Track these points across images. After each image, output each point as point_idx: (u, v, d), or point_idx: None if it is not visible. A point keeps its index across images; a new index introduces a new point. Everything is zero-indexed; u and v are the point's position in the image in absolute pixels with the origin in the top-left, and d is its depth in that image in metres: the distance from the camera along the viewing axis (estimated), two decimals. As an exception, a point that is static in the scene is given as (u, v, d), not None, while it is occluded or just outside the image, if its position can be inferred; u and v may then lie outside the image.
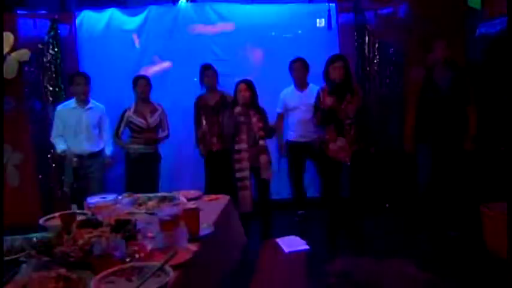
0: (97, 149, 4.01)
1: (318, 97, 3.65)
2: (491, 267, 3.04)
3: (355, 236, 3.68)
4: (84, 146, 3.94)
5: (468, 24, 4.11)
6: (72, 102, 4.01)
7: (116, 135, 4.11)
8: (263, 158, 3.65)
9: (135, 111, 4.06)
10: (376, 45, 4.43)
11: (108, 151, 4.11)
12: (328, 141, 3.56)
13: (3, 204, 1.95)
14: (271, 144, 3.99)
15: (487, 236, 3.34)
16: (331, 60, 3.56)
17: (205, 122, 4.21)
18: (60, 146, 3.90)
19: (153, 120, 4.09)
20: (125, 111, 4.08)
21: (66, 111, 3.97)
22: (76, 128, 3.94)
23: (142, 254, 1.60)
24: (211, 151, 4.19)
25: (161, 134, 4.18)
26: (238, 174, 3.63)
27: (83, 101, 3.97)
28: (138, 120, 4.04)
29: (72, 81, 3.96)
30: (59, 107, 4.03)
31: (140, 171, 4.06)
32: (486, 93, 3.69)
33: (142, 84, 4.07)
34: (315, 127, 3.87)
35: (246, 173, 3.62)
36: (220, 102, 4.13)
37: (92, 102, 4.04)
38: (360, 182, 3.64)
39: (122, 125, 4.09)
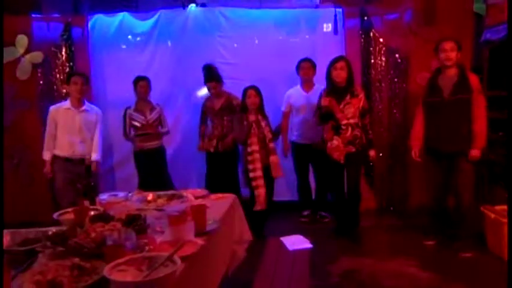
0: (88, 155, 3.92)
1: (320, 97, 3.73)
2: (492, 267, 3.08)
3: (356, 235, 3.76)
4: (77, 149, 3.85)
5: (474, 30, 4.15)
6: (66, 103, 3.91)
7: (125, 134, 4.32)
8: (273, 158, 3.83)
9: (135, 109, 4.29)
10: (382, 50, 4.48)
11: (96, 156, 3.95)
12: (326, 140, 3.68)
13: (3, 204, 2.02)
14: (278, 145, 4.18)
15: (488, 237, 3.38)
16: (334, 61, 3.63)
17: (210, 124, 4.33)
18: (45, 153, 3.85)
19: (151, 116, 4.28)
20: (126, 109, 4.31)
21: (60, 111, 3.86)
22: (69, 130, 3.83)
23: (151, 247, 1.67)
24: (210, 152, 4.26)
25: (161, 130, 4.37)
26: (252, 174, 3.79)
27: (78, 102, 3.87)
28: (138, 117, 4.25)
29: (69, 80, 3.86)
30: (52, 108, 3.91)
31: (149, 167, 4.29)
32: (489, 99, 3.70)
33: (143, 85, 4.28)
34: (317, 128, 3.94)
35: (259, 173, 3.78)
36: (226, 105, 4.19)
37: (87, 105, 3.95)
38: (353, 183, 3.67)
39: (128, 124, 4.29)
